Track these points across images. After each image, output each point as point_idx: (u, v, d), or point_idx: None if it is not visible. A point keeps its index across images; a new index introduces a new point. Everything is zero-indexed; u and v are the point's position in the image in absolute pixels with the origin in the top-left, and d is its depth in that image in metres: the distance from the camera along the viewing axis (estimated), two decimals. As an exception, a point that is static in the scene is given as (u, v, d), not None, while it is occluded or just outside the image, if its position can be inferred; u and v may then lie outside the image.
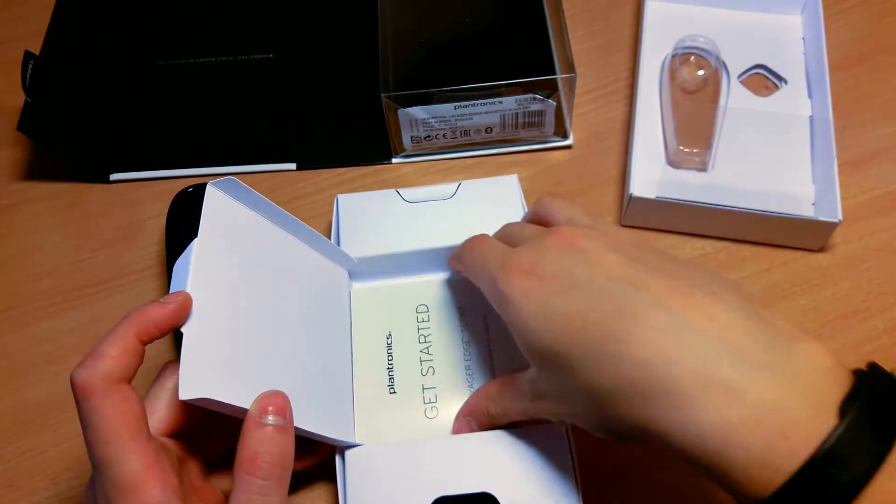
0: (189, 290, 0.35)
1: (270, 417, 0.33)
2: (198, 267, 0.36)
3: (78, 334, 0.51)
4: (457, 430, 0.41)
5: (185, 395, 0.32)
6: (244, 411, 0.34)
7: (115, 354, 0.33)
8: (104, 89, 0.60)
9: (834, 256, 0.51)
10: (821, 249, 0.51)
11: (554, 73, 0.53)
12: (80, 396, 0.32)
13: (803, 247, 0.51)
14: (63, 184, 0.57)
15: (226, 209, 0.39)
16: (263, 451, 0.32)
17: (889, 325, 0.48)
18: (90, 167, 0.57)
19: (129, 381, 0.34)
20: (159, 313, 0.34)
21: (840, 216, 0.48)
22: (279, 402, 0.34)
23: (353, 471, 0.40)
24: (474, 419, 0.41)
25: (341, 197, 0.50)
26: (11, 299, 0.53)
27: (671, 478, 0.44)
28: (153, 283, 0.53)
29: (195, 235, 0.50)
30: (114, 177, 0.57)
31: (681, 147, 0.53)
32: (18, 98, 0.52)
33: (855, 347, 0.48)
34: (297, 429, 0.36)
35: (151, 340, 0.34)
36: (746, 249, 0.52)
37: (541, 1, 0.57)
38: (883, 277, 0.50)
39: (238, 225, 0.40)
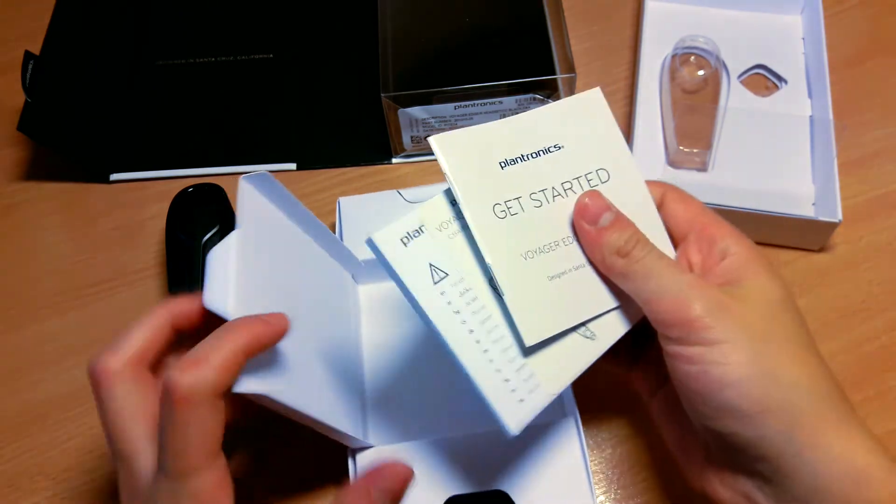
0: (232, 283, 0.34)
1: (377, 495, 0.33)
2: (239, 260, 0.35)
3: (78, 334, 0.51)
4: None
5: (241, 388, 0.32)
6: (291, 410, 0.34)
7: (219, 366, 0.31)
8: (104, 89, 0.60)
9: (834, 256, 0.51)
10: (821, 249, 0.51)
11: (554, 73, 0.53)
12: (175, 402, 0.30)
13: (803, 247, 0.51)
14: (63, 184, 0.57)
15: (256, 204, 0.39)
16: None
17: (889, 325, 0.48)
18: (90, 167, 0.57)
19: (223, 396, 0.32)
20: (265, 332, 0.33)
21: (840, 216, 0.48)
22: (396, 485, 0.33)
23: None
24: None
25: (343, 199, 0.50)
26: (11, 299, 0.53)
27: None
28: (153, 283, 0.53)
29: (195, 235, 0.51)
30: (114, 177, 0.57)
31: (681, 147, 0.53)
32: (18, 98, 0.52)
33: (855, 347, 0.48)
34: (315, 421, 0.36)
35: (251, 357, 0.33)
36: (746, 249, 0.51)
37: (541, 1, 0.57)
38: (883, 277, 0.50)
39: (266, 221, 0.40)
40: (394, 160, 0.57)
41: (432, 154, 0.57)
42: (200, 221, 0.51)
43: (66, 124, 0.55)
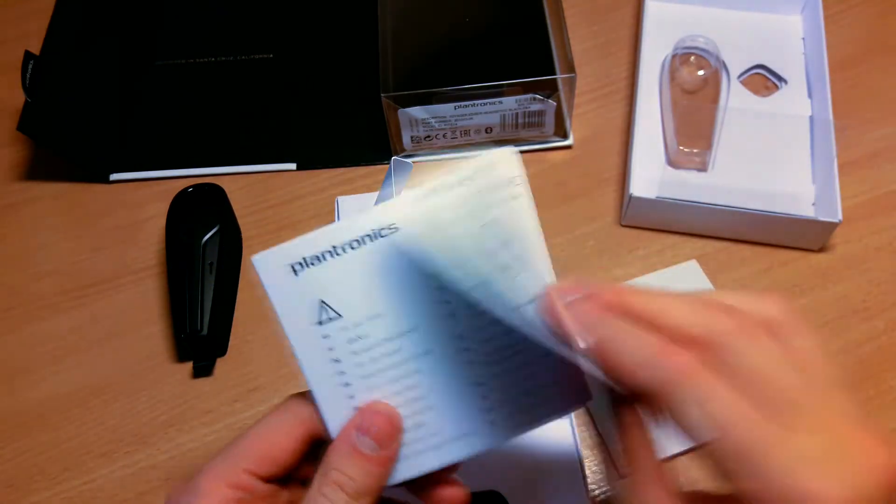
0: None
1: (365, 440, 0.29)
2: None
3: (78, 334, 0.51)
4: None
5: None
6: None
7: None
8: (104, 89, 0.60)
9: (834, 256, 0.51)
10: (821, 249, 0.51)
11: (554, 73, 0.53)
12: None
13: (803, 247, 0.51)
14: (63, 184, 0.57)
15: None
16: (338, 470, 0.29)
17: (889, 325, 0.48)
18: (90, 167, 0.57)
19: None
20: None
21: (840, 216, 0.48)
22: (382, 427, 0.29)
23: None
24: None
25: (341, 199, 0.50)
26: (11, 299, 0.53)
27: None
28: (153, 282, 0.53)
29: (195, 235, 0.51)
30: (114, 177, 0.57)
31: (681, 147, 0.53)
32: (18, 98, 0.52)
33: (855, 347, 0.48)
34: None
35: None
36: (746, 249, 0.51)
37: (541, 1, 0.57)
38: (883, 277, 0.50)
39: None
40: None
41: (432, 154, 0.58)
42: (200, 221, 0.51)
43: (66, 124, 0.55)
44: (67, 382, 0.49)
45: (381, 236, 0.28)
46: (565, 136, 0.57)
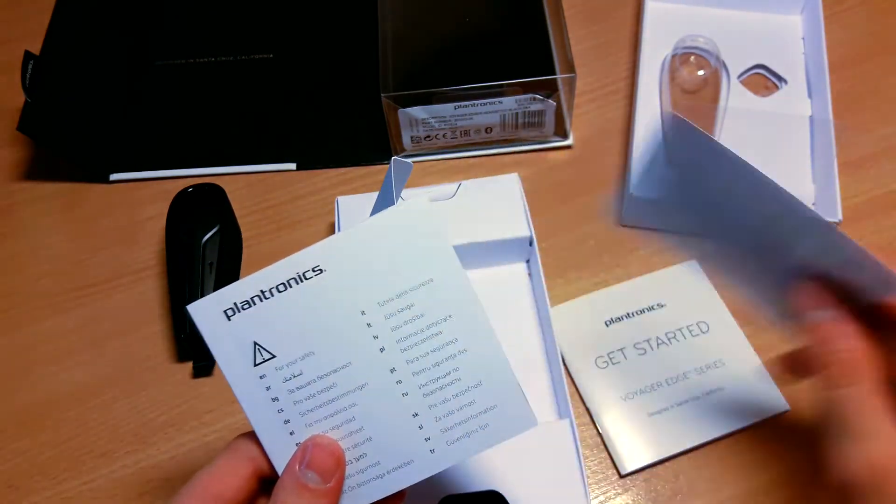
0: None
1: (309, 474, 0.30)
2: None
3: (78, 334, 0.51)
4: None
5: None
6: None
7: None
8: (104, 89, 0.60)
9: (834, 256, 0.51)
10: (821, 249, 0.51)
11: (554, 73, 0.53)
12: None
13: (803, 247, 0.51)
14: (63, 184, 0.57)
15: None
16: None
17: (889, 325, 0.48)
18: (90, 167, 0.57)
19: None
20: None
21: (840, 216, 0.48)
22: (325, 460, 0.31)
23: None
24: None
25: (341, 199, 0.50)
26: (11, 299, 0.53)
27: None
28: (153, 282, 0.53)
29: (195, 235, 0.51)
30: (114, 177, 0.57)
31: (681, 147, 0.53)
32: (18, 98, 0.52)
33: (855, 347, 0.48)
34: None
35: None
36: (746, 249, 0.51)
37: (541, 1, 0.57)
38: (883, 277, 0.50)
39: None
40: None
41: (432, 154, 0.58)
42: (200, 221, 0.51)
43: (66, 124, 0.55)
44: (67, 382, 0.49)
45: (306, 278, 0.30)
46: (565, 136, 0.57)
